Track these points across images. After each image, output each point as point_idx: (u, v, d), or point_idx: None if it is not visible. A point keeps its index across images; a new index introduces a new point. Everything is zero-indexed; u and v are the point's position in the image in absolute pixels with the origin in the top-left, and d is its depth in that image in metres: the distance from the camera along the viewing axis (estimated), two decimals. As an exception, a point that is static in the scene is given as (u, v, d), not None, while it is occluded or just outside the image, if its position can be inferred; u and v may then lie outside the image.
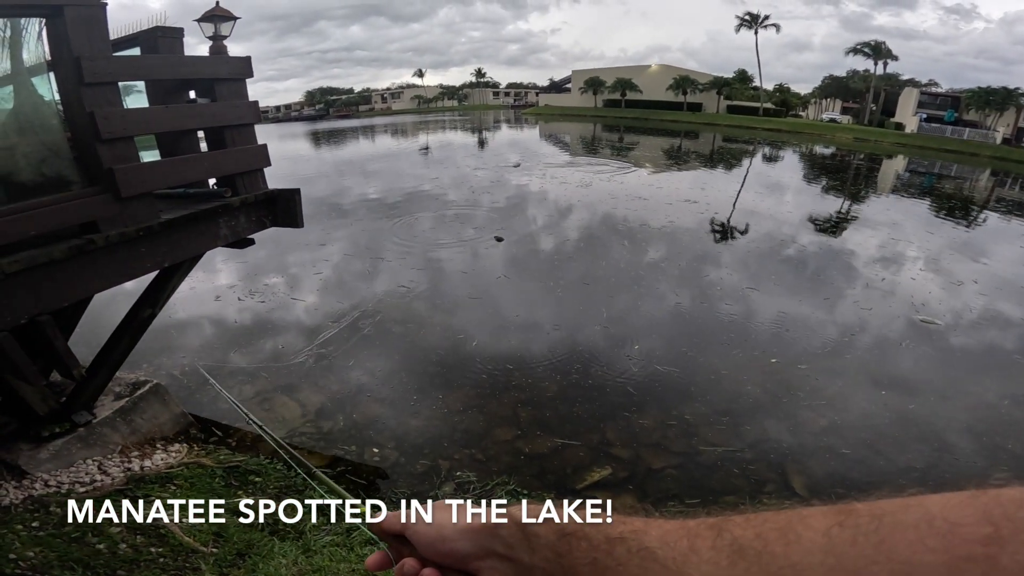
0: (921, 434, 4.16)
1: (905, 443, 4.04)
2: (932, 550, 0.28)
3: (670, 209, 11.92)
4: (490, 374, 4.97)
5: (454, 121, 57.13)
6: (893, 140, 36.55)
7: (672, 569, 0.36)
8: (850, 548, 0.30)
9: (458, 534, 0.49)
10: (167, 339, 5.67)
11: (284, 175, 9.85)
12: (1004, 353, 5.62)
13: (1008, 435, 4.14)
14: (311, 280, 7.67)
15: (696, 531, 0.38)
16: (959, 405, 4.58)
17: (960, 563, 0.27)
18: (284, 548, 2.81)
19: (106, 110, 2.44)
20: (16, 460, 3.13)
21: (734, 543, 0.35)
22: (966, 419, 4.35)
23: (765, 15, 50.14)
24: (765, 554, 0.33)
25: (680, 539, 0.38)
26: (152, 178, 2.78)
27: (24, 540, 2.57)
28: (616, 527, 0.42)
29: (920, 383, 4.91)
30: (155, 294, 3.36)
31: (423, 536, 0.51)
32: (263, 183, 3.59)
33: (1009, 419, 4.34)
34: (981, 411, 4.48)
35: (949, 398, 4.69)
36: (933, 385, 4.91)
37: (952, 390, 4.84)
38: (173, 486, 3.28)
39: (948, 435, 4.17)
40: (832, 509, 0.34)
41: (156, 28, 3.11)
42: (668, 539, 0.38)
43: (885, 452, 3.90)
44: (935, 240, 10.23)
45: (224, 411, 4.46)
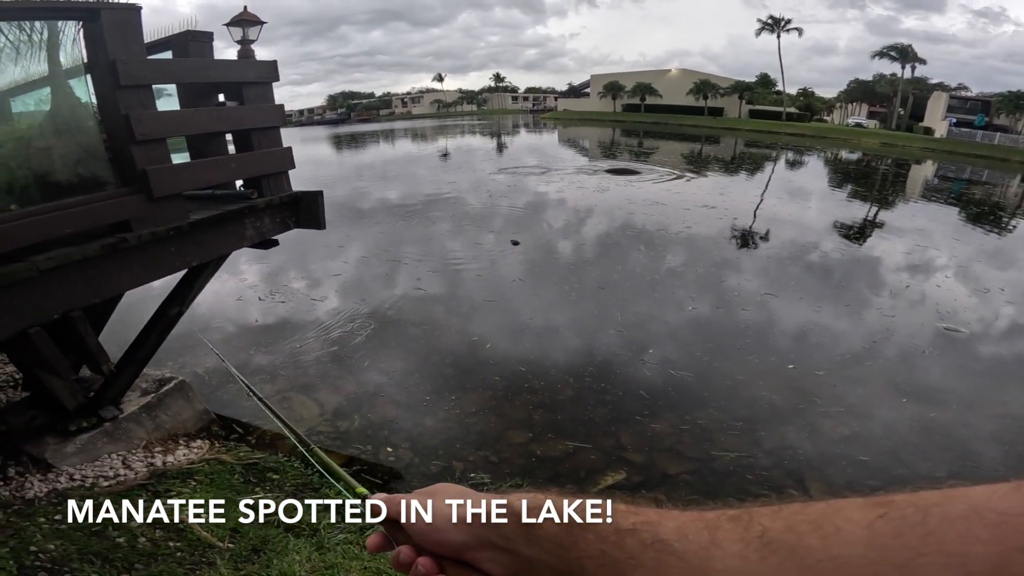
0: (943, 442, 4.06)
1: (927, 451, 3.94)
2: (983, 541, 0.27)
3: (687, 214, 11.83)
4: (504, 376, 5.00)
5: (473, 126, 57.48)
6: (921, 145, 35.66)
7: (693, 564, 0.35)
8: (895, 541, 0.29)
9: (451, 526, 0.48)
10: (191, 339, 5.82)
11: (307, 178, 10.00)
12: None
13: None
14: (330, 281, 7.80)
15: (716, 523, 0.36)
16: (982, 413, 4.45)
17: (1014, 554, 0.26)
18: (298, 545, 2.83)
19: (140, 112, 2.53)
20: (43, 454, 3.19)
21: (763, 535, 0.33)
22: (990, 427, 4.24)
23: (787, 19, 49.51)
24: (800, 548, 0.31)
25: (700, 531, 0.36)
26: (183, 179, 2.88)
27: (46, 533, 2.61)
28: (627, 517, 0.40)
29: (942, 391, 4.79)
30: (183, 293, 3.47)
31: (419, 527, 0.50)
32: (287, 185, 3.69)
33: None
34: (1005, 420, 4.35)
35: (972, 406, 4.56)
36: (956, 393, 4.78)
37: (975, 398, 4.71)
38: (193, 481, 3.33)
39: (971, 443, 4.06)
40: (870, 501, 0.32)
41: (187, 32, 3.21)
42: (686, 531, 0.36)
43: (905, 460, 3.82)
44: (962, 247, 9.95)
45: (245, 409, 4.56)
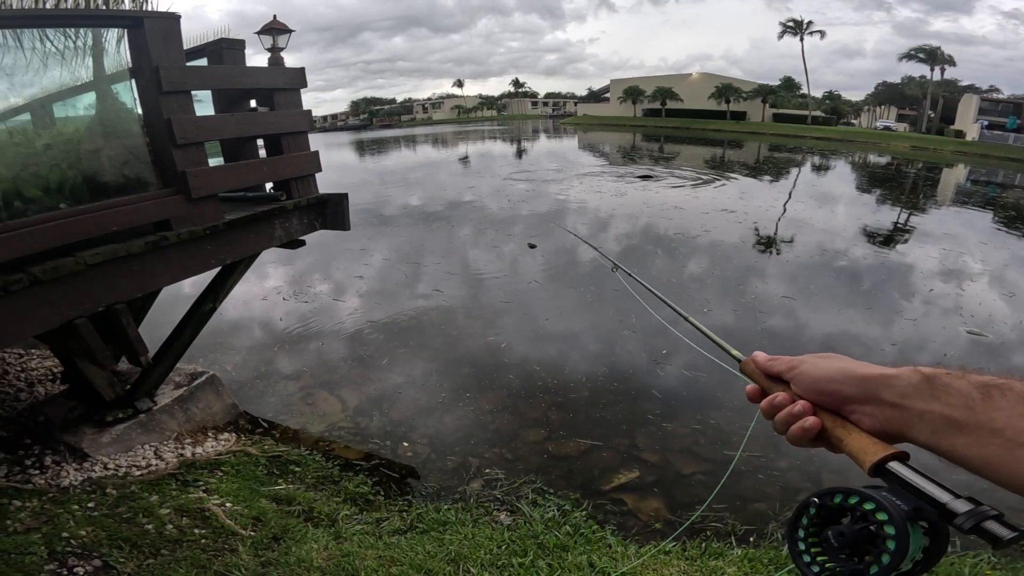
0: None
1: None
2: None
3: (706, 218, 11.76)
4: (519, 376, 5.07)
5: (493, 131, 57.84)
6: (953, 148, 34.67)
7: None
8: None
9: (845, 377, 0.55)
10: (219, 335, 6.04)
11: (331, 183, 10.29)
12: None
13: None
14: (353, 283, 7.99)
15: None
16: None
17: None
18: (316, 534, 2.92)
19: (181, 117, 2.69)
20: (80, 443, 3.30)
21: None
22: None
23: (809, 21, 48.78)
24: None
25: None
26: (218, 181, 3.04)
27: (79, 520, 2.68)
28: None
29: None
30: (215, 289, 3.63)
31: (808, 375, 0.58)
32: (314, 188, 3.84)
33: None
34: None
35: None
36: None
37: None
38: (220, 472, 3.45)
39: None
40: None
41: (221, 40, 3.37)
42: None
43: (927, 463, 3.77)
44: (991, 252, 9.69)
45: (271, 404, 4.73)
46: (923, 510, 0.50)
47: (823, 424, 0.57)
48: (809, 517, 0.56)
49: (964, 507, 0.47)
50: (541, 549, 2.78)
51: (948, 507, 0.48)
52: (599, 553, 2.76)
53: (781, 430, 0.59)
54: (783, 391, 0.61)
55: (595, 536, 2.99)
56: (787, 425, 0.58)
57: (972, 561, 2.68)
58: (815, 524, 0.56)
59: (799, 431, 0.57)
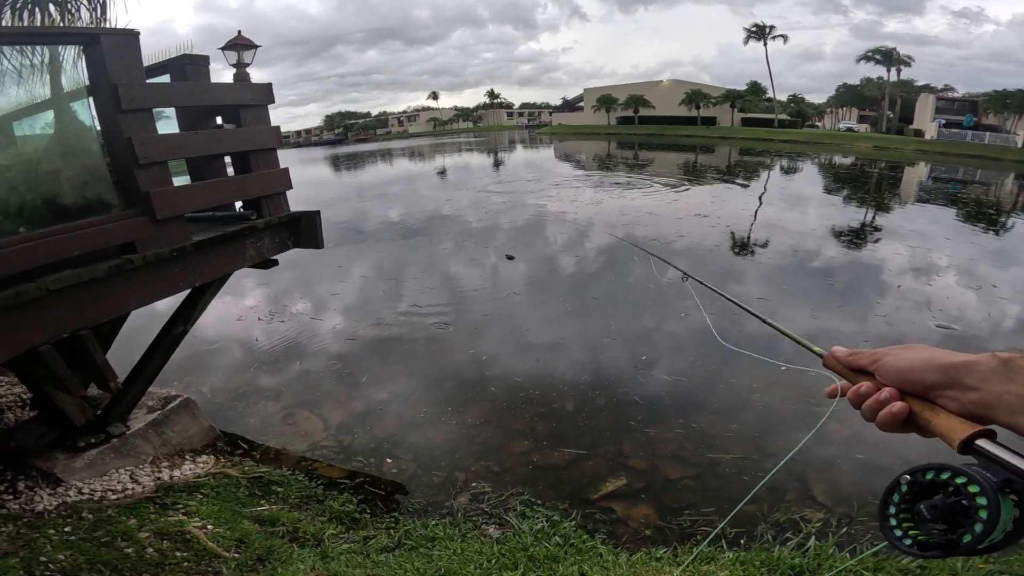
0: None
1: (914, 445, 3.97)
2: None
3: (681, 223, 11.95)
4: (502, 388, 5.04)
5: (469, 143, 58.04)
6: (914, 147, 36.00)
7: None
8: None
9: (929, 366, 0.59)
10: (195, 359, 5.88)
11: (307, 199, 10.16)
12: None
13: None
14: (331, 301, 7.87)
15: None
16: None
17: None
18: (303, 555, 2.88)
19: (142, 135, 2.62)
20: (53, 469, 3.25)
21: None
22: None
23: (771, 26, 50.24)
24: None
25: None
26: (184, 201, 2.96)
27: (56, 544, 2.64)
28: None
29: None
30: (187, 312, 3.53)
31: (891, 366, 0.62)
32: (286, 205, 3.78)
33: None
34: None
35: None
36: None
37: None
38: (200, 495, 3.38)
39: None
40: None
41: (184, 56, 3.30)
42: None
43: (897, 451, 3.84)
44: (957, 247, 10.04)
45: (250, 425, 4.61)
46: (1012, 481, 0.52)
47: (911, 408, 0.60)
48: (900, 494, 0.59)
49: None
50: (531, 561, 2.75)
51: None
52: (590, 563, 2.73)
53: (870, 417, 0.63)
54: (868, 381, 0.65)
55: (585, 546, 2.96)
56: (875, 412, 0.62)
57: (965, 555, 2.72)
58: (906, 500, 0.58)
59: (888, 416, 0.61)
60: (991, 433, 0.57)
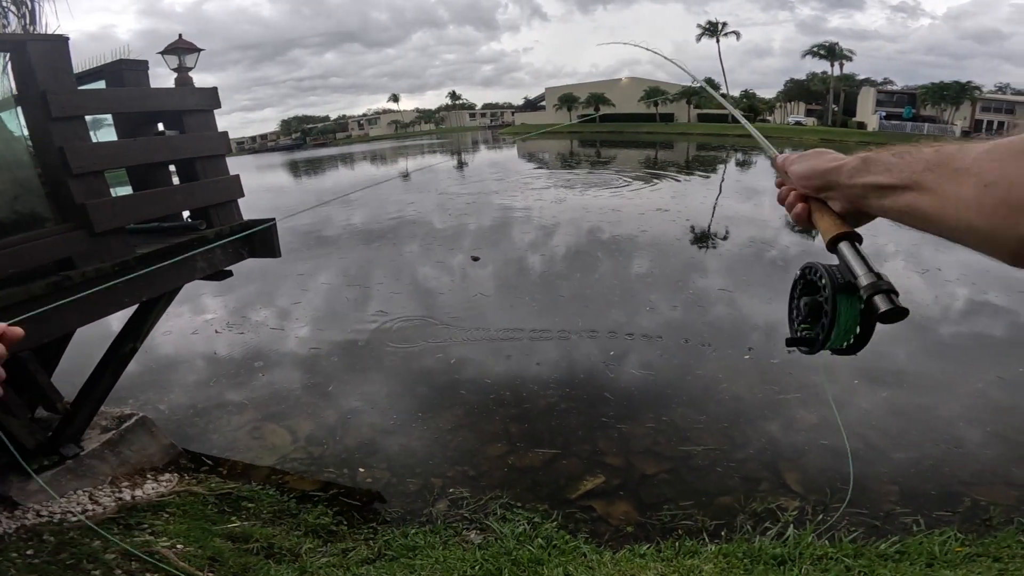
0: (897, 413, 4.28)
1: (879, 418, 4.14)
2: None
3: (643, 219, 12.16)
4: (473, 391, 4.98)
5: (432, 145, 57.58)
6: (857, 139, 37.69)
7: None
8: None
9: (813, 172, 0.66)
10: (152, 375, 5.60)
11: (266, 207, 9.85)
12: (972, 336, 5.82)
13: (985, 411, 4.27)
14: (294, 310, 7.63)
15: None
16: (926, 385, 4.75)
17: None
18: (280, 570, 2.80)
19: (75, 144, 2.45)
20: (8, 492, 3.15)
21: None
22: (956, 403, 4.50)
23: (723, 23, 51.70)
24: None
25: None
26: (125, 212, 2.80)
27: (20, 567, 2.56)
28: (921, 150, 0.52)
29: (894, 370, 5.03)
30: (136, 328, 3.35)
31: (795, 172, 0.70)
32: (238, 214, 3.62)
33: (988, 399, 4.49)
34: (946, 392, 4.63)
35: (923, 384, 4.84)
36: (907, 371, 5.04)
37: (924, 376, 5.00)
38: (166, 513, 3.26)
39: (913, 411, 4.33)
40: None
41: (120, 61, 3.14)
42: None
43: (875, 443, 3.99)
44: (903, 233, 10.54)
45: (214, 442, 4.42)
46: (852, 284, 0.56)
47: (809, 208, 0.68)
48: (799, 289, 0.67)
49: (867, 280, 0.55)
50: (515, 565, 2.71)
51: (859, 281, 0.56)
52: (575, 563, 2.72)
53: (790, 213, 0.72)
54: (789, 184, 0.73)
55: (568, 546, 2.94)
56: (790, 211, 0.71)
57: (940, 539, 2.82)
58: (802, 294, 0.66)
59: (794, 216, 0.70)
60: (855, 236, 0.61)
